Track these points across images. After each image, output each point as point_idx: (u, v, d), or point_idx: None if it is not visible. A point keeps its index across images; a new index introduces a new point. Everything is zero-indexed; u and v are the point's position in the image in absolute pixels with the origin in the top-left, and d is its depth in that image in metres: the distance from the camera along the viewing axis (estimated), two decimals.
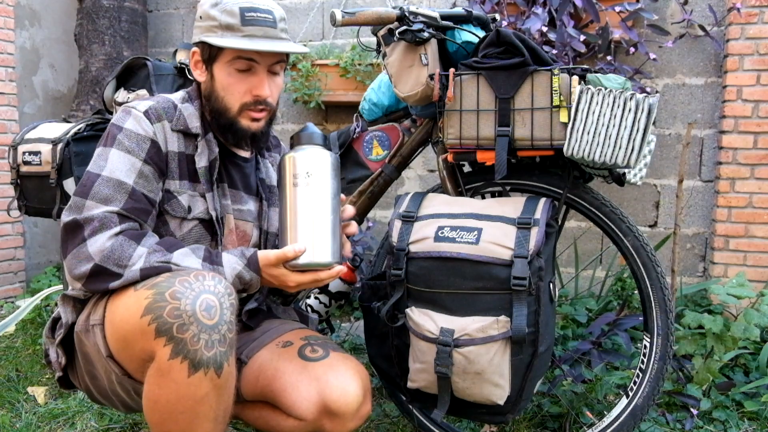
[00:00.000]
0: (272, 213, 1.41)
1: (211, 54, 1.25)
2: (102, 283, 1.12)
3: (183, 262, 1.14)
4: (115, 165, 1.19)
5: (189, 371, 1.02)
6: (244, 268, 1.19)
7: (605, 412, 1.64)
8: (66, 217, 1.16)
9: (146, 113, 1.23)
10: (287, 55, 1.30)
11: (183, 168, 1.26)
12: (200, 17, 1.24)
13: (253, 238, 1.39)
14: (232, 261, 1.19)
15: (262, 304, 1.44)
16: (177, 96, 1.32)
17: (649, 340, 1.51)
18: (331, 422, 1.23)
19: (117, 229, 1.15)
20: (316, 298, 1.87)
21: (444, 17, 1.52)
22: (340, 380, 1.22)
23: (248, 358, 1.32)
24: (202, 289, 1.04)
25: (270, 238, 1.41)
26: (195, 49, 1.28)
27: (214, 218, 1.28)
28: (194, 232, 1.27)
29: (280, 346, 1.32)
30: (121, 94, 2.07)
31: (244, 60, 1.23)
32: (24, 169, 2.07)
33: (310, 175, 1.22)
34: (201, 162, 1.27)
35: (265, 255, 1.20)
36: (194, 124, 1.28)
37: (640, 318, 1.81)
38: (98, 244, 1.13)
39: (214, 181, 1.29)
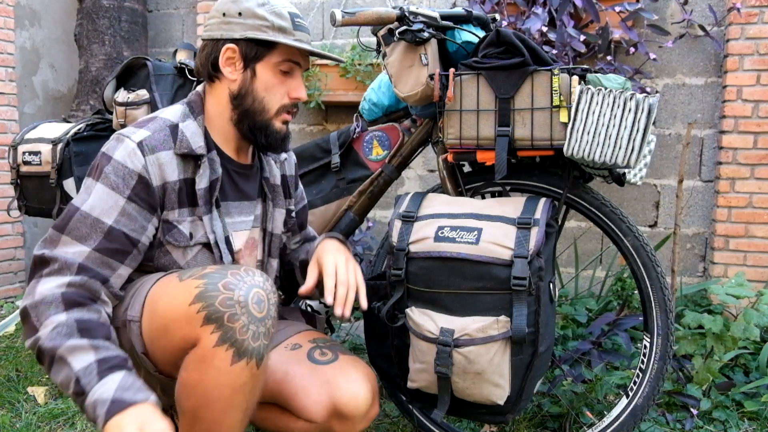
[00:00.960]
0: (276, 213, 1.41)
1: (258, 53, 1.23)
2: (27, 329, 1.08)
3: (71, 355, 1.02)
4: (97, 202, 1.15)
5: (233, 359, 1.04)
6: (109, 401, 0.99)
7: (605, 412, 1.64)
8: (38, 249, 1.13)
9: (140, 145, 1.18)
10: None
11: (183, 195, 1.23)
12: (239, 13, 1.22)
13: (258, 246, 1.39)
14: (114, 383, 1.01)
15: None
16: (176, 113, 1.26)
17: (649, 340, 1.51)
18: (340, 424, 1.25)
19: (68, 279, 1.09)
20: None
21: (444, 17, 1.52)
22: (351, 383, 1.24)
23: None
24: (253, 283, 1.06)
25: (274, 240, 1.41)
26: (231, 46, 1.23)
27: (212, 242, 1.25)
28: (199, 258, 1.25)
29: (288, 348, 1.33)
30: (121, 94, 2.08)
31: (291, 63, 1.25)
32: (24, 169, 2.07)
33: None
34: (201, 184, 1.24)
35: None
36: (198, 144, 1.23)
37: (640, 318, 1.81)
38: (44, 289, 1.08)
39: (213, 203, 1.26)
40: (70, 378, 1.02)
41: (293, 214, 1.49)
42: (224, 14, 1.23)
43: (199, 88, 1.31)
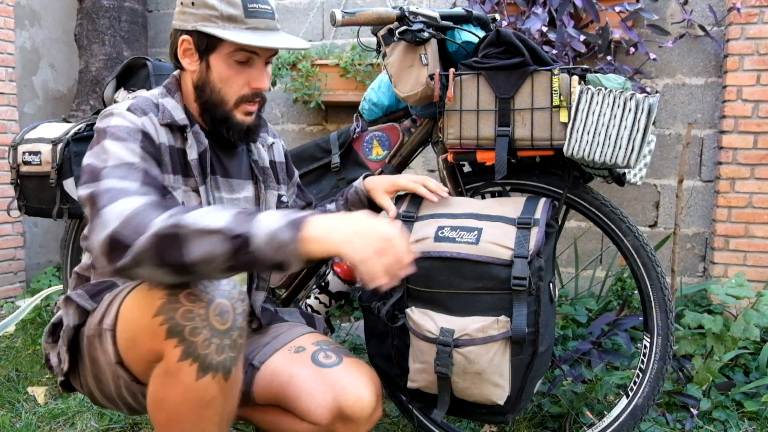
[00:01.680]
0: (269, 195, 1.39)
1: (209, 44, 1.20)
2: (120, 256, 0.95)
3: (205, 218, 0.93)
4: (117, 154, 1.11)
5: (198, 374, 1.01)
6: (283, 226, 0.94)
7: (605, 412, 1.64)
8: (84, 190, 1.06)
9: (129, 110, 1.18)
10: None
11: (175, 162, 1.22)
12: (192, 3, 1.19)
13: None
14: (269, 216, 0.96)
15: (268, 302, 1.44)
16: (154, 92, 1.27)
17: (649, 340, 1.51)
18: (344, 427, 1.24)
19: (140, 196, 1.03)
20: (316, 298, 1.87)
21: (444, 17, 1.52)
22: (355, 386, 1.23)
23: (261, 364, 1.31)
24: (216, 294, 1.03)
25: None
26: (186, 37, 1.22)
27: None
28: None
29: (292, 351, 1.32)
30: (121, 94, 2.08)
31: (247, 53, 1.21)
32: (24, 169, 2.07)
33: None
34: (192, 154, 1.24)
35: (321, 215, 0.99)
36: (179, 116, 1.24)
37: (640, 318, 1.81)
38: (117, 209, 0.99)
39: (207, 174, 1.26)
40: (217, 239, 0.91)
41: (284, 199, 1.47)
42: (182, 3, 1.21)
43: (176, 72, 1.31)
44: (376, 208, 1.48)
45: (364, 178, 1.51)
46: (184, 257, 0.93)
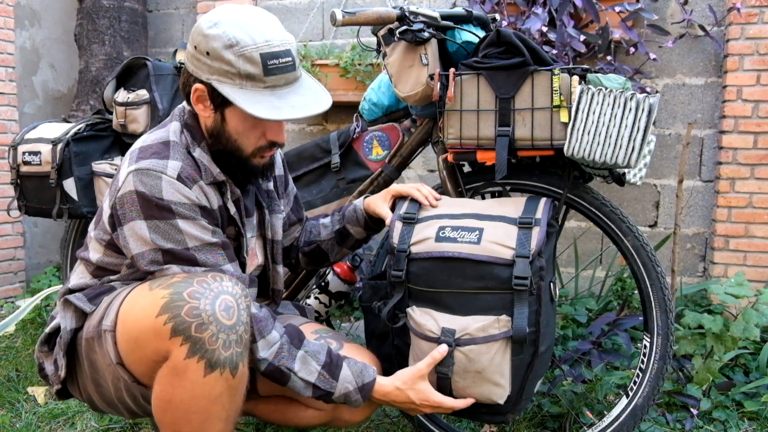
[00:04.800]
0: (275, 219, 1.39)
1: (224, 99, 1.12)
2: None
3: (302, 371, 1.18)
4: (189, 231, 1.13)
5: (205, 371, 1.02)
6: (355, 390, 1.20)
7: (605, 412, 1.64)
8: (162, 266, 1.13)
9: (180, 179, 1.13)
10: None
11: (223, 219, 1.23)
12: (207, 53, 1.10)
13: (258, 253, 1.38)
14: (348, 377, 1.20)
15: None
16: (180, 136, 1.20)
17: (649, 340, 1.51)
18: (349, 410, 1.28)
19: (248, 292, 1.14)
20: (316, 298, 1.87)
21: (444, 17, 1.52)
22: None
23: None
24: (220, 290, 1.04)
25: (276, 247, 1.40)
26: (199, 86, 1.13)
27: (246, 262, 1.29)
28: None
29: None
30: (121, 94, 2.08)
31: None
32: (24, 169, 2.07)
33: None
34: (232, 209, 1.24)
35: (384, 386, 1.23)
36: (216, 171, 1.20)
37: (640, 318, 1.81)
38: (238, 289, 1.09)
39: (244, 222, 1.27)
40: (309, 388, 1.19)
41: (283, 215, 1.47)
42: (196, 47, 1.12)
43: (188, 106, 1.23)
44: (372, 229, 1.49)
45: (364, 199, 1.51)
46: (284, 386, 1.19)
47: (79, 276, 1.28)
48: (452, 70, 1.44)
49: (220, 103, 1.15)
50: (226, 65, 1.09)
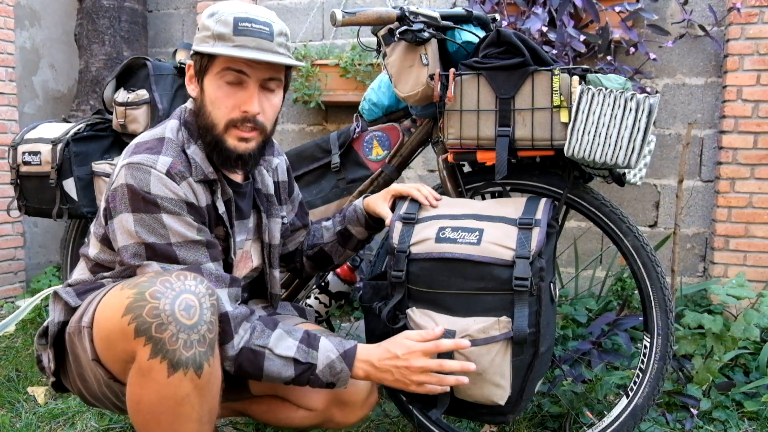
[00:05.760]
0: (272, 224, 1.39)
1: (202, 65, 1.18)
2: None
3: (278, 347, 1.16)
4: (176, 229, 1.14)
5: (168, 371, 1.01)
6: (338, 358, 1.17)
7: (605, 412, 1.64)
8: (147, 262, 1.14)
9: (168, 174, 1.14)
10: (286, 73, 1.24)
11: (211, 217, 1.23)
12: (198, 29, 1.19)
13: (254, 256, 1.38)
14: (327, 346, 1.18)
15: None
16: (177, 134, 1.22)
17: (649, 340, 1.51)
18: (341, 411, 1.27)
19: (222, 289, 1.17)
20: (316, 298, 1.87)
21: (444, 17, 1.52)
22: None
23: None
24: (182, 289, 1.03)
25: (273, 251, 1.40)
26: (190, 62, 1.21)
27: (234, 262, 1.29)
28: None
29: None
30: (121, 94, 2.08)
31: (234, 71, 1.16)
32: (24, 169, 2.07)
33: None
34: (221, 208, 1.23)
35: (367, 348, 1.19)
36: (208, 170, 1.21)
37: (640, 318, 1.81)
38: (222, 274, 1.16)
39: (234, 223, 1.27)
40: (290, 364, 1.16)
41: (285, 221, 1.47)
42: (198, 29, 1.20)
43: (190, 105, 1.26)
44: (373, 228, 1.49)
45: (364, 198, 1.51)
46: (261, 372, 1.16)
47: (79, 272, 1.29)
48: (452, 70, 1.44)
49: (200, 70, 1.19)
50: (205, 31, 1.16)
